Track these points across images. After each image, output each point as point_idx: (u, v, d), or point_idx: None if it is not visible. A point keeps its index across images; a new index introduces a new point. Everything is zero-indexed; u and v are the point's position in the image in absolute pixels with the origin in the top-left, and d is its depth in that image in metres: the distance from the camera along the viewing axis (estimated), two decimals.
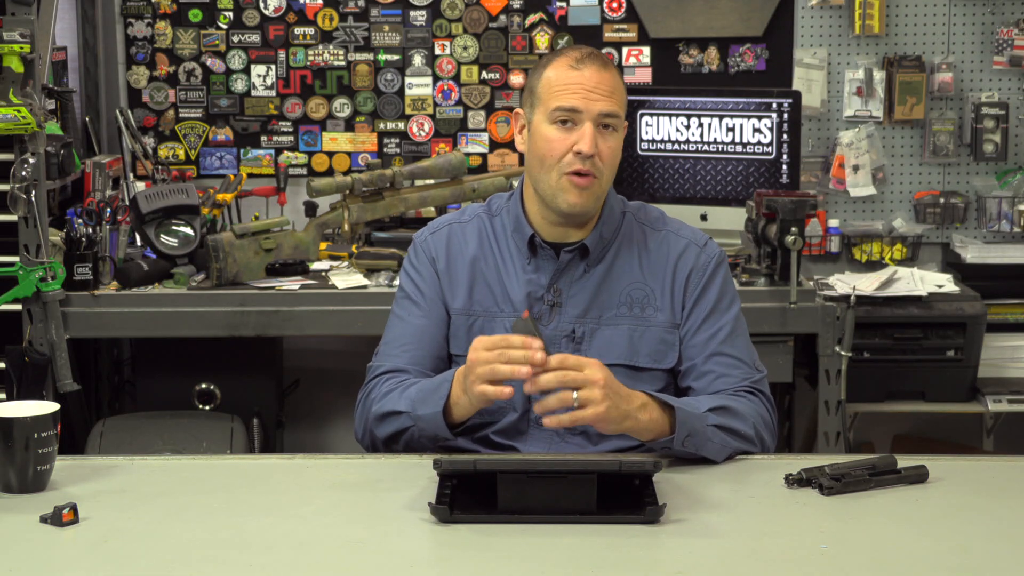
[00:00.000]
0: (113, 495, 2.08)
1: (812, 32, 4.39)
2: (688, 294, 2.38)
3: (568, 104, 2.30)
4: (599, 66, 2.32)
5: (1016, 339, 4.10)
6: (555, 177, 2.32)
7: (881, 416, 4.20)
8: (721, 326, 2.36)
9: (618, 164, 2.36)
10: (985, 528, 1.95)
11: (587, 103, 2.30)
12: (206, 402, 4.04)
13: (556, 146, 2.31)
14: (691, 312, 2.37)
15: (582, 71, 2.31)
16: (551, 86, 2.32)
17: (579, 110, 2.30)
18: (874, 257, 4.39)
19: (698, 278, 2.38)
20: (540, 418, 2.30)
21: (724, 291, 2.40)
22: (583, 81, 2.30)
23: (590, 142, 2.29)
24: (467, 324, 2.40)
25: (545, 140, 2.32)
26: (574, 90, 2.30)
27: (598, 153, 2.30)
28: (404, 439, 2.30)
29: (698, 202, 4.22)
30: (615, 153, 2.34)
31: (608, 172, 2.33)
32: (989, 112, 4.33)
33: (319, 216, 3.94)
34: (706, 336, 2.36)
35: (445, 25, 4.46)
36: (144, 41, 4.48)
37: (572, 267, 2.38)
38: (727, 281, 2.41)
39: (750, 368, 2.36)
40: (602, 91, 2.30)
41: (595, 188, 2.32)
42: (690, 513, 1.98)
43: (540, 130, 2.33)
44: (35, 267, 3.62)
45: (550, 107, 2.31)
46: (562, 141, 2.30)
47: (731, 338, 2.36)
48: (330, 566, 1.82)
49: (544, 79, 2.34)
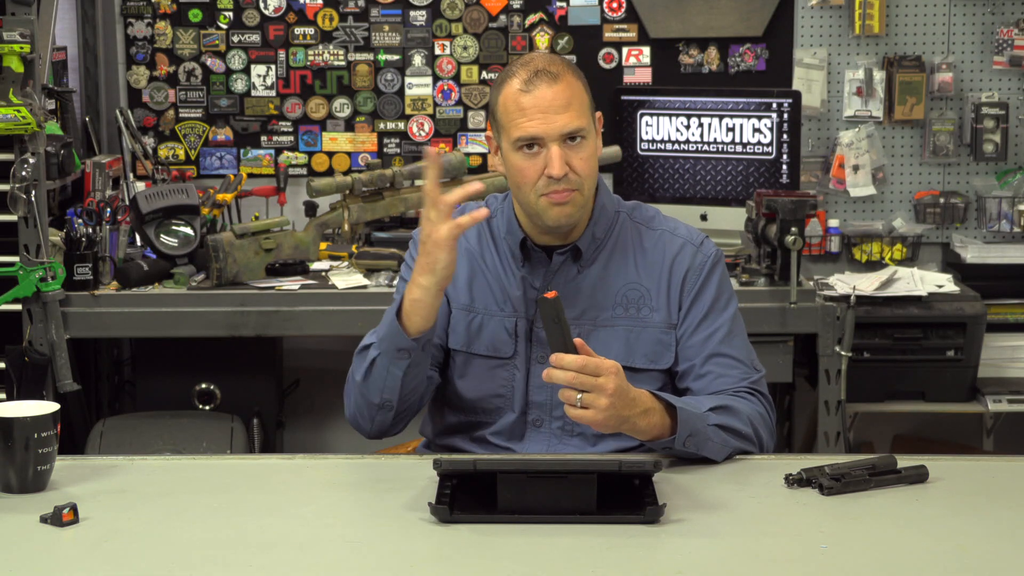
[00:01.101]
0: (113, 495, 2.08)
1: (812, 32, 4.39)
2: (685, 294, 2.37)
3: (527, 134, 2.28)
4: (548, 81, 2.28)
5: (1016, 339, 4.09)
6: (534, 199, 2.31)
7: (881, 416, 4.20)
8: (719, 326, 2.36)
9: (596, 166, 2.34)
10: (985, 528, 1.95)
11: (546, 128, 2.27)
12: (206, 402, 4.04)
13: (528, 173, 2.30)
14: (688, 312, 2.37)
15: (532, 93, 2.27)
16: (508, 114, 2.30)
17: (540, 136, 2.28)
18: (874, 257, 4.39)
19: (695, 278, 2.38)
20: (538, 418, 2.33)
21: (721, 290, 2.39)
22: (536, 103, 2.27)
23: (558, 165, 2.27)
24: (467, 320, 2.40)
25: (516, 169, 2.31)
26: (530, 116, 2.27)
27: (571, 168, 2.29)
28: (376, 371, 2.28)
29: (698, 202, 4.22)
30: (589, 161, 2.31)
31: (588, 180, 2.32)
32: (989, 112, 4.33)
33: (319, 216, 3.94)
34: (703, 336, 2.35)
35: (445, 25, 4.46)
36: (144, 41, 4.48)
37: (565, 269, 2.38)
38: (724, 280, 2.41)
39: (748, 368, 2.35)
40: (558, 108, 2.27)
41: (577, 200, 2.31)
42: (690, 513, 1.98)
43: (509, 158, 2.33)
44: (35, 267, 3.62)
45: (512, 137, 2.30)
46: (532, 168, 2.29)
47: (729, 338, 2.36)
48: (330, 566, 1.82)
49: (501, 105, 2.32)
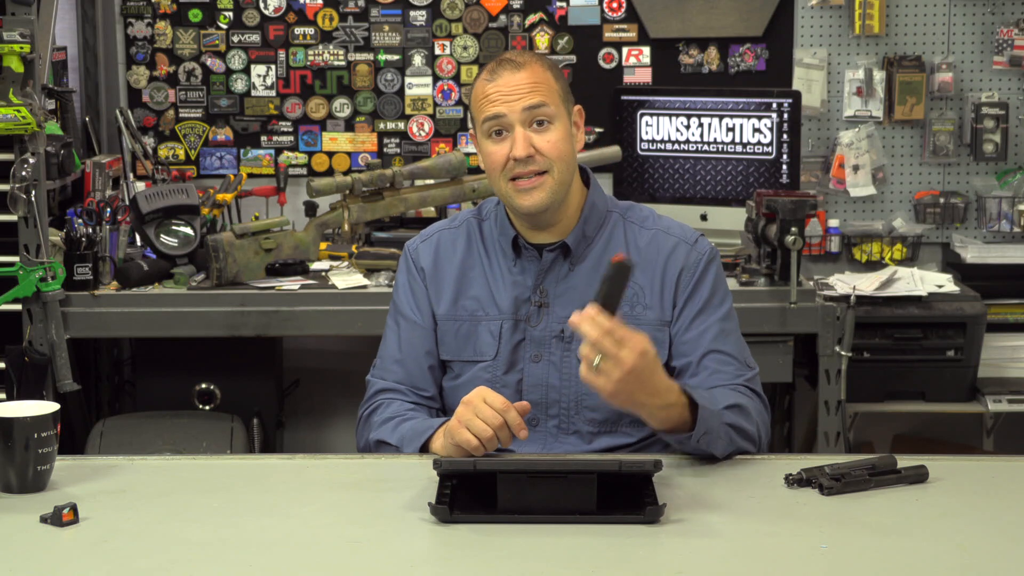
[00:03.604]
0: (113, 495, 2.08)
1: (812, 32, 4.39)
2: (680, 292, 2.38)
3: (491, 113, 2.33)
4: (512, 69, 2.33)
5: (1016, 339, 4.10)
6: (503, 185, 2.35)
7: (881, 416, 4.20)
8: (713, 323, 2.36)
9: (571, 152, 2.35)
10: (985, 528, 1.94)
11: (508, 107, 2.32)
12: (206, 402, 4.04)
13: (495, 158, 2.34)
14: (683, 309, 2.37)
15: (496, 80, 2.34)
16: (476, 101, 2.37)
17: (502, 114, 2.32)
18: (874, 257, 4.39)
19: (689, 276, 2.38)
20: (534, 417, 2.36)
21: (716, 288, 2.39)
22: (499, 87, 2.33)
23: (522, 145, 2.31)
24: (454, 329, 2.42)
25: (486, 154, 2.36)
26: (493, 99, 2.33)
27: (537, 150, 2.31)
28: None
29: (698, 202, 4.22)
30: (557, 144, 2.33)
31: (559, 163, 2.33)
32: (989, 112, 4.33)
33: (319, 216, 3.94)
34: (698, 332, 2.35)
35: (445, 25, 4.46)
36: (144, 41, 4.48)
37: (556, 267, 2.39)
38: (719, 277, 2.41)
39: (742, 365, 2.36)
40: (521, 91, 2.32)
41: (547, 184, 2.33)
42: (690, 513, 1.98)
43: (481, 146, 2.38)
44: (35, 267, 3.62)
45: (480, 121, 2.36)
46: (499, 152, 2.33)
47: (723, 335, 2.36)
48: (330, 566, 1.82)
49: (473, 97, 2.39)
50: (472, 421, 2.15)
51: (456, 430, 2.17)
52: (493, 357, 2.38)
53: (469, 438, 2.15)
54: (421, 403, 2.42)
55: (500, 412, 2.14)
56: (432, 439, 2.28)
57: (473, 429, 2.15)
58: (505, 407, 2.15)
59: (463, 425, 2.16)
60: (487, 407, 2.15)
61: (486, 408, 2.15)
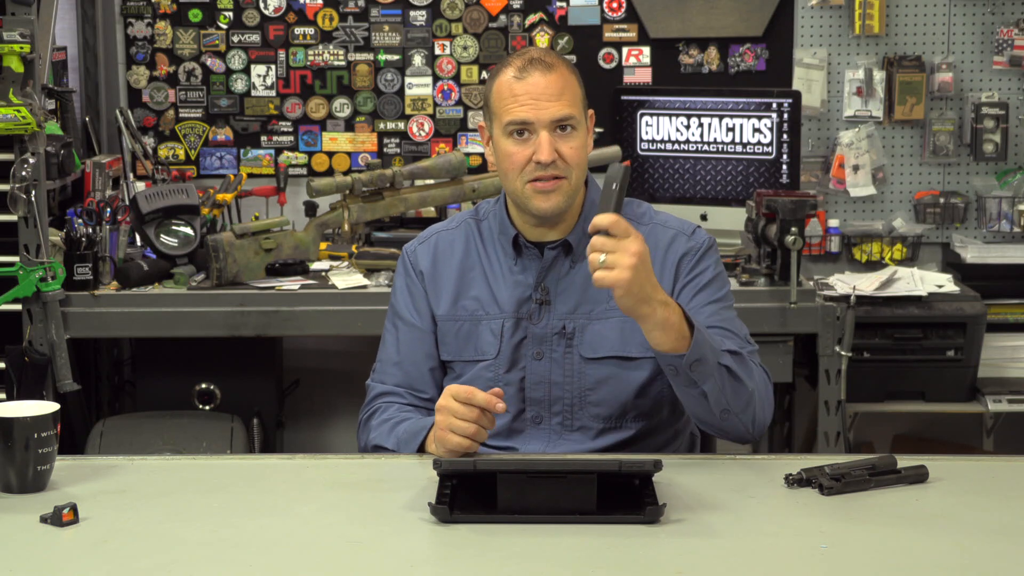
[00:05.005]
0: (113, 495, 2.08)
1: (812, 32, 4.39)
2: (679, 278, 2.38)
3: (518, 118, 2.31)
4: (542, 70, 2.32)
5: (1016, 339, 4.10)
6: (520, 186, 2.34)
7: (881, 416, 4.20)
8: (714, 302, 2.37)
9: (586, 159, 2.37)
10: (985, 528, 1.94)
11: (536, 113, 2.31)
12: (206, 402, 4.04)
13: (516, 159, 2.33)
14: (684, 288, 2.38)
15: (525, 80, 2.32)
16: (501, 99, 2.34)
17: (530, 121, 2.31)
18: (874, 257, 4.39)
19: (690, 260, 2.39)
20: (537, 415, 2.37)
21: (716, 272, 2.41)
22: (529, 90, 2.31)
23: (547, 151, 2.30)
24: (454, 329, 2.42)
25: (505, 154, 2.34)
26: (522, 102, 2.31)
27: (559, 156, 2.32)
28: None
29: (698, 202, 4.22)
30: (579, 151, 2.34)
31: (576, 170, 2.34)
32: (989, 112, 4.33)
33: (319, 216, 3.94)
34: (698, 305, 2.35)
35: (445, 25, 4.46)
36: (144, 41, 4.48)
37: (558, 264, 2.40)
38: (718, 264, 2.43)
39: (744, 341, 2.36)
40: (550, 96, 2.31)
41: (564, 188, 2.34)
42: (690, 513, 1.98)
43: (499, 144, 2.36)
44: (35, 267, 3.62)
45: (503, 122, 2.33)
46: (520, 153, 2.32)
47: (725, 312, 2.37)
48: (330, 566, 1.82)
49: (495, 92, 2.36)
50: (452, 423, 2.17)
51: (443, 439, 2.19)
52: (495, 356, 2.38)
53: (459, 441, 2.17)
54: (420, 405, 2.42)
55: (468, 400, 2.16)
56: (427, 439, 2.28)
57: (457, 431, 2.17)
58: (470, 394, 2.17)
59: (447, 431, 2.18)
60: (458, 404, 2.17)
61: (459, 406, 2.17)
